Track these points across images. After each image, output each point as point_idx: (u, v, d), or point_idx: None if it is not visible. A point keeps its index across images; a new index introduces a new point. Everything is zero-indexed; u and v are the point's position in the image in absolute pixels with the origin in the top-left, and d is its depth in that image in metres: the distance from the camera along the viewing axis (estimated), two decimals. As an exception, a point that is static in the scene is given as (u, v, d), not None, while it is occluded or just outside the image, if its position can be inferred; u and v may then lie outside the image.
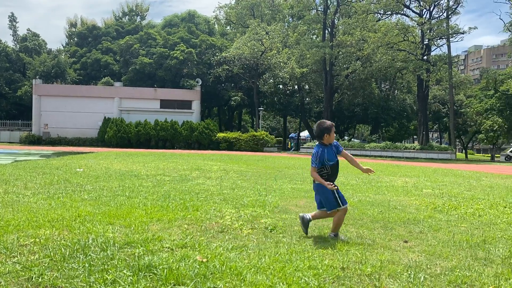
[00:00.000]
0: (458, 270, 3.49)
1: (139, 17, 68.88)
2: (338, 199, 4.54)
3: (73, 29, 65.88)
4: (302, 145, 51.57)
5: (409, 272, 3.37)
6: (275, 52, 44.71)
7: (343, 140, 48.61)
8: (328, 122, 4.68)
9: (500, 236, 4.85)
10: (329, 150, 4.57)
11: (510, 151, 36.98)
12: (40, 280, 2.93)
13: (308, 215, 4.65)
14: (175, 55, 48.18)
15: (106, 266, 3.22)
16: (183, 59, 48.13)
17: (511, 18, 38.47)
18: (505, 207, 7.12)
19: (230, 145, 42.53)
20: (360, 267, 3.45)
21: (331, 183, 4.43)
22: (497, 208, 7.02)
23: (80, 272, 3.08)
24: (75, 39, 62.42)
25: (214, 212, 5.69)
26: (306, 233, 4.58)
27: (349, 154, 4.77)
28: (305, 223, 4.59)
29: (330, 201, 4.51)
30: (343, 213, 4.57)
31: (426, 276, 3.31)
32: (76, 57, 56.07)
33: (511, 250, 4.18)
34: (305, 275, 3.18)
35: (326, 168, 4.53)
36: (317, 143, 4.67)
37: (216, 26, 64.00)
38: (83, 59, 54.78)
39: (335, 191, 4.51)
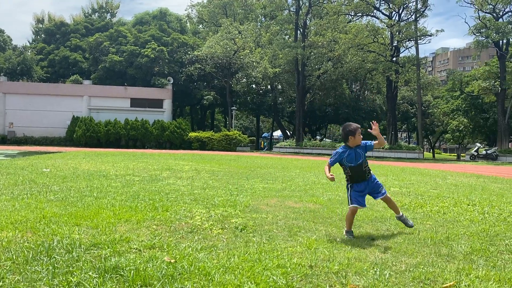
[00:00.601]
0: (422, 266, 3.59)
1: (109, 14, 67.61)
2: (349, 197, 4.78)
3: (40, 25, 64.04)
4: (275, 144, 51.82)
5: (375, 269, 3.44)
6: (248, 51, 44.77)
7: (315, 140, 49.08)
8: (354, 125, 4.82)
9: (463, 233, 5.01)
10: (352, 152, 4.73)
11: (474, 151, 38.22)
12: (1, 284, 2.84)
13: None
14: (146, 53, 47.54)
15: (71, 268, 3.15)
16: (155, 57, 47.55)
17: (475, 21, 39.69)
18: (469, 205, 7.35)
19: (203, 145, 42.32)
20: (327, 265, 3.50)
21: (330, 174, 4.63)
22: (461, 206, 7.24)
23: (44, 275, 3.01)
24: (42, 35, 60.71)
25: (184, 212, 5.65)
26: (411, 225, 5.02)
27: (382, 141, 4.95)
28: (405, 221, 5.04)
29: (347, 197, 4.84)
30: (349, 212, 4.72)
31: (391, 272, 3.39)
32: (43, 54, 54.55)
33: (473, 247, 4.33)
34: (273, 274, 3.20)
35: (346, 169, 4.80)
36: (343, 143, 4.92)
37: (188, 24, 63.52)
38: (51, 56, 53.35)
39: (349, 188, 4.78)
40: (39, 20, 65.00)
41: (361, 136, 4.82)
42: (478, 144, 41.81)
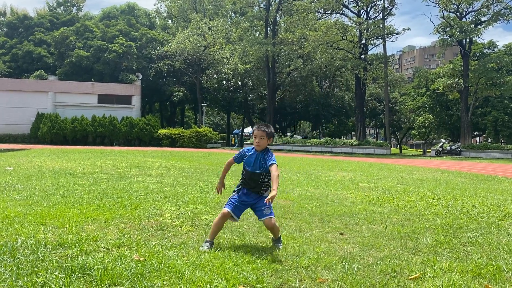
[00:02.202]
0: (389, 259, 3.68)
1: (75, 8, 65.79)
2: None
3: (2, 19, 61.64)
4: (246, 141, 51.84)
5: (344, 263, 3.50)
6: (218, 47, 44.55)
7: (285, 136, 49.42)
8: (255, 126, 4.14)
9: (428, 226, 5.17)
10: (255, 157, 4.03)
11: (439, 146, 39.41)
12: (-40, 286, 2.73)
13: None
14: (114, 48, 46.58)
15: (36, 269, 3.06)
16: (123, 53, 46.65)
17: (440, 21, 40.83)
18: (433, 199, 7.58)
19: (173, 142, 41.88)
20: (297, 260, 3.54)
21: (219, 185, 4.18)
22: (426, 200, 7.46)
23: (7, 276, 2.91)
24: (4, 29, 58.46)
25: (154, 210, 5.58)
26: None
27: (274, 172, 3.79)
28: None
29: None
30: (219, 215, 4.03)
31: (359, 266, 3.46)
32: (6, 49, 52.56)
33: (437, 239, 4.47)
34: (244, 270, 3.21)
35: (244, 171, 4.11)
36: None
37: (157, 19, 62.63)
38: (14, 50, 51.48)
39: (232, 194, 4.12)
40: (1, 13, 62.55)
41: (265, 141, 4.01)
42: (443, 140, 43.19)
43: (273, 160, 3.90)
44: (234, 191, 4.18)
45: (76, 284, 2.82)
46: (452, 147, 38.03)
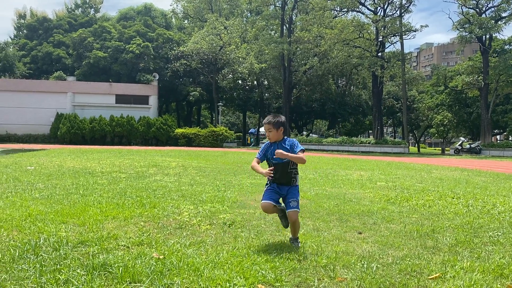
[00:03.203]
0: (409, 258, 3.64)
1: (92, 9, 66.70)
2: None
3: (22, 21, 62.88)
4: (262, 140, 51.87)
5: (363, 262, 3.48)
6: (234, 47, 44.64)
7: (301, 135, 49.25)
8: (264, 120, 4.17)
9: (448, 226, 5.10)
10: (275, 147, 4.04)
11: (459, 145, 38.79)
12: (-13, 283, 2.81)
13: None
14: (131, 49, 47.07)
15: (58, 266, 3.12)
16: (140, 53, 47.11)
17: (459, 17, 40.17)
18: (453, 198, 7.47)
19: (189, 141, 42.14)
20: (315, 259, 3.53)
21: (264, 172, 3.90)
22: (445, 199, 7.35)
23: (31, 273, 2.98)
24: (25, 31, 59.62)
25: (172, 208, 5.63)
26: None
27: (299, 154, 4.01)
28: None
29: None
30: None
31: (378, 265, 3.43)
32: (26, 50, 53.61)
33: (457, 239, 4.40)
34: (262, 268, 3.22)
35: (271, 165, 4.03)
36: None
37: (173, 20, 63.05)
38: (34, 52, 52.45)
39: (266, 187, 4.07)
40: (21, 16, 63.82)
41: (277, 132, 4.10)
42: (462, 138, 42.50)
43: (301, 148, 4.04)
44: (266, 184, 4.13)
45: (98, 281, 2.87)
46: (472, 146, 37.39)
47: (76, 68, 50.05)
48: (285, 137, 4.18)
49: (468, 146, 37.68)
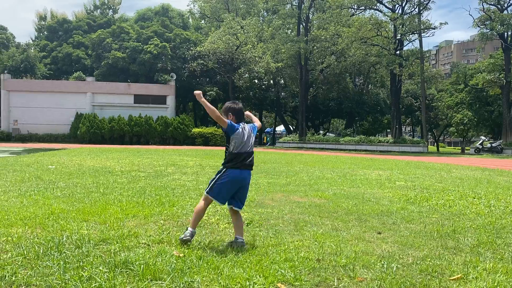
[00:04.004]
0: (429, 259, 3.61)
1: (111, 10, 67.52)
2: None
3: (43, 23, 64.04)
4: (278, 139, 51.79)
5: (383, 262, 3.46)
6: (250, 46, 44.64)
7: (318, 134, 49.00)
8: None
9: (469, 226, 5.02)
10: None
11: (479, 144, 38.10)
12: (13, 278, 2.88)
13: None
14: (148, 49, 47.51)
15: (81, 263, 3.18)
16: (157, 54, 47.51)
17: (480, 14, 39.43)
18: (474, 198, 7.35)
19: (206, 141, 42.34)
20: (335, 259, 3.52)
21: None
22: (466, 199, 7.24)
23: (55, 269, 3.04)
24: (45, 32, 60.71)
25: (191, 207, 5.68)
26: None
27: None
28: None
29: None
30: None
31: (398, 265, 3.41)
32: (46, 51, 54.59)
33: (479, 239, 4.34)
34: (281, 267, 3.23)
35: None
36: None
37: (190, 20, 63.39)
38: (54, 53, 53.39)
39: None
40: (42, 17, 65.00)
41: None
42: (483, 137, 41.69)
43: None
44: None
45: (120, 278, 2.91)
46: (493, 145, 36.67)
47: (95, 69, 50.75)
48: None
49: (489, 145, 36.98)
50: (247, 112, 4.37)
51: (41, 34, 63.23)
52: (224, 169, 3.94)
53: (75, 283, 2.82)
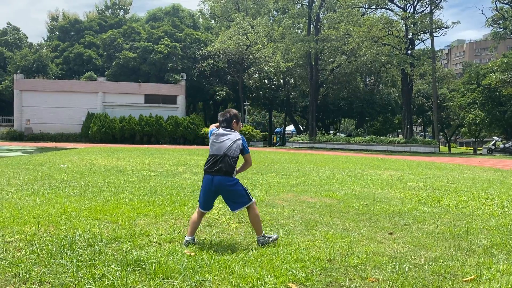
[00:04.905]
0: (442, 260, 3.57)
1: (122, 10, 68.01)
2: (246, 190, 4.03)
3: (55, 23, 64.75)
4: (288, 139, 51.71)
5: (394, 263, 3.44)
6: (260, 46, 44.63)
7: (328, 134, 48.89)
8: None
9: (482, 227, 4.97)
10: None
11: (492, 144, 37.66)
12: (27, 276, 2.91)
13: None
14: (159, 49, 47.74)
15: (94, 261, 3.21)
16: (168, 54, 47.73)
17: (493, 13, 38.98)
18: (487, 199, 7.27)
19: (216, 140, 42.39)
20: (346, 259, 3.51)
21: None
22: (479, 200, 7.16)
23: (68, 267, 3.07)
24: (57, 33, 61.35)
25: (201, 206, 5.69)
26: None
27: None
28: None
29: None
30: (256, 210, 4.02)
31: (410, 266, 3.38)
32: (58, 52, 55.15)
33: (492, 241, 4.29)
34: (292, 267, 3.22)
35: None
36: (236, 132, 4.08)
37: (200, 20, 63.57)
38: (66, 53, 53.91)
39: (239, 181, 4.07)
40: (54, 18, 65.72)
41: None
42: (496, 138, 41.20)
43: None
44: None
45: (132, 277, 2.93)
46: (506, 145, 36.23)
47: (106, 69, 51.15)
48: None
49: (502, 145, 36.53)
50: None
51: (53, 34, 63.91)
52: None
53: (88, 281, 2.84)
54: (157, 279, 2.91)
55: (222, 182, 3.84)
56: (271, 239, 3.92)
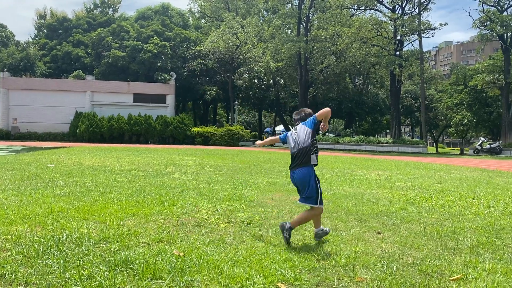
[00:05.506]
0: (429, 259, 3.61)
1: (111, 9, 67.50)
2: (320, 189, 4.24)
3: (42, 21, 64.02)
4: (278, 139, 51.69)
5: (382, 263, 3.46)
6: (250, 46, 44.65)
7: (317, 134, 48.93)
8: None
9: (469, 227, 5.03)
10: None
11: (478, 145, 38.13)
12: (13, 277, 2.88)
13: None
14: (148, 48, 47.49)
15: (81, 262, 3.18)
16: (157, 53, 47.49)
17: (480, 15, 39.47)
18: (473, 199, 7.36)
19: (205, 140, 42.33)
20: (335, 259, 3.53)
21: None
22: (465, 199, 7.25)
23: (55, 268, 3.04)
24: (45, 31, 60.67)
25: (190, 206, 5.68)
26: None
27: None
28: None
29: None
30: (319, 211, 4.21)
31: (398, 265, 3.41)
32: (46, 50, 54.54)
33: (479, 240, 4.34)
34: (281, 267, 3.23)
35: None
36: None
37: (190, 19, 63.38)
38: (53, 51, 53.34)
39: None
40: (41, 16, 64.97)
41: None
42: (482, 138, 41.73)
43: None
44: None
45: (120, 277, 2.91)
46: (492, 146, 36.71)
47: (95, 67, 50.73)
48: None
49: (488, 146, 37.01)
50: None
51: (40, 32, 63.19)
52: None
53: (75, 281, 2.82)
54: (145, 280, 2.89)
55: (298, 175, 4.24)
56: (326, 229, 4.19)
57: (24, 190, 6.80)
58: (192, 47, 48.04)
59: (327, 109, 4.10)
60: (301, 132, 4.19)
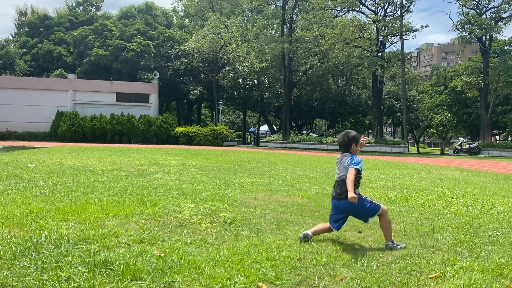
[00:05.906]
0: (408, 258, 3.66)
1: (94, 7, 66.67)
2: (370, 203, 4.19)
3: (23, 19, 62.84)
4: (262, 139, 51.90)
5: (363, 261, 3.50)
6: (235, 46, 44.62)
7: (301, 135, 49.28)
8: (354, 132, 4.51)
9: (447, 225, 5.11)
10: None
11: (458, 145, 38.83)
12: (-11, 279, 2.82)
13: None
14: (132, 47, 47.07)
15: (60, 263, 3.14)
16: (140, 52, 47.10)
17: (459, 17, 40.17)
18: (453, 198, 7.49)
19: (189, 140, 42.15)
20: (316, 258, 3.55)
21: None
22: (445, 199, 7.37)
23: (33, 270, 2.99)
24: (25, 29, 59.61)
25: (173, 207, 5.64)
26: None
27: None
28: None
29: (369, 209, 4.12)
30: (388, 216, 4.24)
31: (378, 264, 3.45)
32: (27, 48, 53.60)
33: (457, 238, 4.42)
34: (263, 266, 3.24)
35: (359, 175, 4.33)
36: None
37: (174, 18, 63.01)
38: (34, 50, 52.45)
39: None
40: (22, 13, 63.77)
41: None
42: (462, 139, 42.53)
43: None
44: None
45: (99, 279, 2.88)
46: (471, 146, 37.43)
47: (77, 66, 50.05)
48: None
49: (467, 146, 37.72)
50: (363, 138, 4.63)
51: (21, 30, 62.04)
52: None
53: (53, 283, 2.77)
54: (125, 281, 2.87)
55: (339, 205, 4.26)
56: (399, 246, 4.02)
57: (2, 190, 6.66)
58: (176, 47, 47.78)
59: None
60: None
